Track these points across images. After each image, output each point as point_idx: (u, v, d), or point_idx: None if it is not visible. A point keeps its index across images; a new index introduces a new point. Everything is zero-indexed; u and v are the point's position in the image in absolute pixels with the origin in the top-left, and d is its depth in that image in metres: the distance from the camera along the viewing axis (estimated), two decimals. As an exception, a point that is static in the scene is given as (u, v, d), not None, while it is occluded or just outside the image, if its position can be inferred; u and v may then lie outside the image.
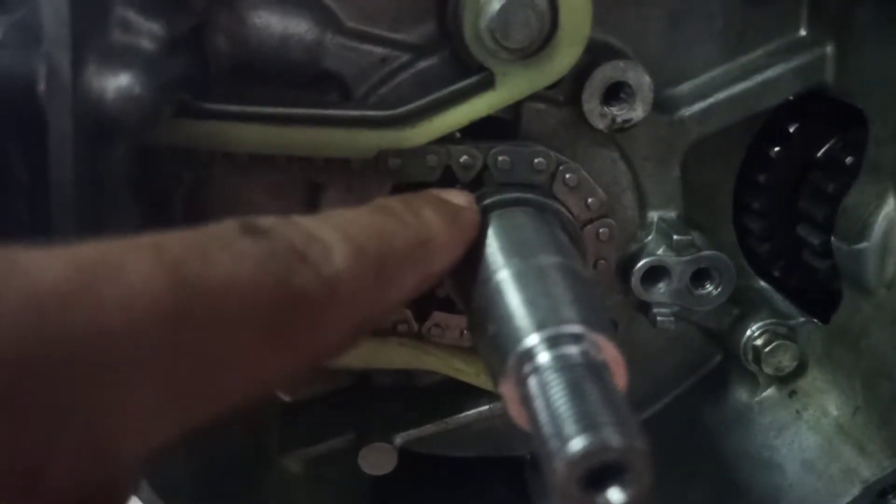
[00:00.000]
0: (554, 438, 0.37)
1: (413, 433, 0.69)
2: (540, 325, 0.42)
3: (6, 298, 0.27)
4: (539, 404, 0.39)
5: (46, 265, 0.29)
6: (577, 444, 0.35)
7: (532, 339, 0.42)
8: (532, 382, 0.40)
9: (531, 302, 0.45)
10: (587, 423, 0.36)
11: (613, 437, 0.35)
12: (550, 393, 0.39)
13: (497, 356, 0.44)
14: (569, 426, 0.37)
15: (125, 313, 0.29)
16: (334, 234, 0.42)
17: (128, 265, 0.31)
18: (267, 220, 0.40)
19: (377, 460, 0.69)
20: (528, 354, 0.41)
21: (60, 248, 0.30)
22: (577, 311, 0.44)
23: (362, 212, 0.48)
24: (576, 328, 0.42)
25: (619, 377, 0.42)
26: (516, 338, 0.43)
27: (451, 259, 0.51)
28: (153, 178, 0.58)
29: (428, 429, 0.69)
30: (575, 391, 0.38)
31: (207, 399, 0.34)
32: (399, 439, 0.69)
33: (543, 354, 0.41)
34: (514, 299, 0.46)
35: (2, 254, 0.28)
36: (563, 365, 0.40)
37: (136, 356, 0.30)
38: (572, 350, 0.41)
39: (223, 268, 0.34)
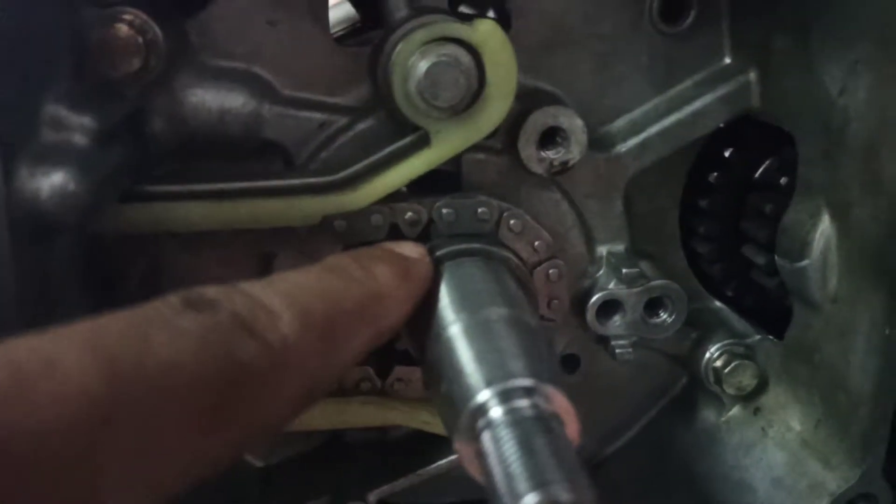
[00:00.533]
0: (507, 496, 0.37)
1: (386, 489, 0.69)
2: (489, 381, 0.43)
3: None
4: (492, 461, 0.40)
5: None
6: (528, 501, 0.36)
7: (483, 396, 0.42)
8: (485, 438, 0.41)
9: (480, 357, 0.46)
10: (538, 481, 0.37)
11: (563, 494, 0.36)
12: (503, 449, 0.40)
13: (451, 413, 0.44)
14: (520, 483, 0.37)
15: (58, 408, 0.30)
16: (281, 299, 0.42)
17: (63, 359, 0.31)
18: (211, 291, 0.40)
19: (353, 520, 0.69)
20: (481, 410, 0.42)
21: None
22: (525, 363, 0.45)
23: (311, 272, 0.48)
24: (525, 381, 0.43)
25: (571, 426, 0.42)
26: (468, 395, 0.43)
27: (403, 313, 0.51)
28: (104, 265, 0.58)
29: (401, 483, 0.69)
30: (525, 447, 0.39)
31: (157, 478, 0.34)
32: (373, 497, 0.69)
33: (495, 410, 0.41)
34: (464, 355, 0.47)
35: None
36: (514, 419, 0.41)
37: (73, 448, 0.30)
38: (523, 403, 0.42)
39: (162, 350, 0.35)
